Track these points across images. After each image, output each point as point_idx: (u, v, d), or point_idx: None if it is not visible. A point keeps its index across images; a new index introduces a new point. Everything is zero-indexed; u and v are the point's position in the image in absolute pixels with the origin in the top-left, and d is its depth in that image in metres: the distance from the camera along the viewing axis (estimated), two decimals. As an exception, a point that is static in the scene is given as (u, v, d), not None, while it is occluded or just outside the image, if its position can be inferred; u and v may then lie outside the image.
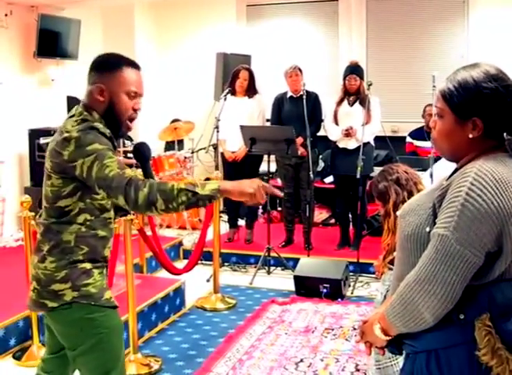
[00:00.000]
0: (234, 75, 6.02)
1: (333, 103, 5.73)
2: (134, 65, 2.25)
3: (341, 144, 5.70)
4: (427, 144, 6.14)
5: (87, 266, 2.18)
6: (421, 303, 1.53)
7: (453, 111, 1.59)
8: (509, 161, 1.55)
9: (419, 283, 1.53)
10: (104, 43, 7.41)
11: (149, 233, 4.57)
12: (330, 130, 5.74)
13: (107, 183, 1.99)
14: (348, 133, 5.56)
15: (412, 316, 1.55)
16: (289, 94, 5.96)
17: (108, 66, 2.22)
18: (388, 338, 1.67)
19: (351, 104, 5.67)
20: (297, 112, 5.70)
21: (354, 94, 5.65)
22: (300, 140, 5.65)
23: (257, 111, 6.03)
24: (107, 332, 2.22)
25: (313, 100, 5.85)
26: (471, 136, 1.57)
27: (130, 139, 6.89)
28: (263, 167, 6.25)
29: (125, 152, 6.36)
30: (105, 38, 7.50)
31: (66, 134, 2.07)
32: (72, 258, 2.16)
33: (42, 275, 2.17)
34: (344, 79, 5.65)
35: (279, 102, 6.03)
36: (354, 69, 5.64)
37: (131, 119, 2.25)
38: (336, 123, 5.69)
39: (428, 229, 1.57)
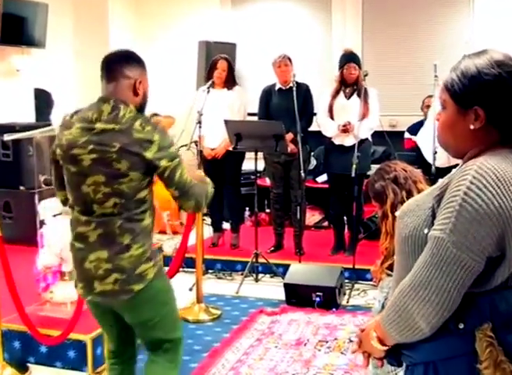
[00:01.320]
0: (212, 65, 6.04)
1: (328, 95, 5.72)
2: None
3: (337, 141, 5.70)
4: (427, 139, 6.16)
5: (154, 242, 2.73)
6: (415, 311, 1.54)
7: (454, 100, 1.61)
8: None
9: (413, 289, 1.54)
10: (74, 30, 7.39)
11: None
12: (325, 125, 5.73)
13: (185, 189, 2.56)
14: (346, 129, 5.54)
15: (407, 324, 1.57)
16: (278, 85, 5.98)
17: (140, 60, 2.62)
18: (385, 348, 1.69)
19: (348, 96, 5.67)
20: (287, 105, 5.71)
21: (351, 85, 5.65)
22: (289, 136, 5.66)
23: (237, 104, 6.03)
24: (171, 295, 2.79)
25: (304, 92, 5.87)
26: (472, 127, 1.58)
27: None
28: (247, 165, 6.25)
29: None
30: (76, 25, 7.47)
31: (142, 135, 2.46)
32: (150, 238, 2.64)
33: (127, 263, 2.53)
34: (341, 68, 5.62)
35: (267, 95, 6.04)
36: (353, 57, 5.64)
37: None
38: (331, 118, 5.68)
39: (426, 231, 1.58)
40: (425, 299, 1.52)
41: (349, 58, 5.63)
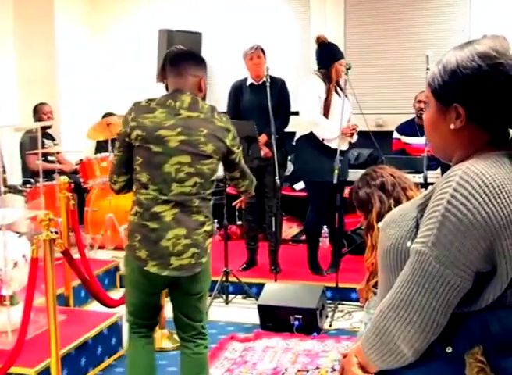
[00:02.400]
0: (166, 59, 6.03)
1: (320, 91, 5.59)
2: None
3: (334, 144, 5.49)
4: (419, 140, 6.24)
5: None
6: (396, 333, 1.55)
7: (434, 97, 1.64)
8: (507, 161, 1.56)
9: (393, 309, 1.56)
10: (14, 22, 7.31)
11: (76, 255, 4.54)
12: (323, 124, 5.54)
13: (244, 171, 3.48)
14: (354, 133, 5.56)
15: (388, 348, 1.58)
16: (250, 80, 6.01)
17: (204, 60, 3.42)
18: None
19: (339, 94, 5.62)
20: (260, 102, 5.74)
21: (336, 82, 5.62)
22: (263, 137, 5.69)
23: None
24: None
25: (279, 88, 5.91)
26: (452, 126, 1.60)
27: (52, 138, 6.84)
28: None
29: (45, 155, 6.30)
30: (17, 15, 7.39)
31: (222, 124, 3.25)
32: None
33: (201, 238, 3.21)
34: (335, 62, 5.52)
35: (237, 91, 6.06)
36: (342, 52, 5.68)
37: None
38: (325, 117, 5.58)
39: (409, 244, 1.59)
40: (406, 320, 1.53)
41: (341, 53, 5.63)
